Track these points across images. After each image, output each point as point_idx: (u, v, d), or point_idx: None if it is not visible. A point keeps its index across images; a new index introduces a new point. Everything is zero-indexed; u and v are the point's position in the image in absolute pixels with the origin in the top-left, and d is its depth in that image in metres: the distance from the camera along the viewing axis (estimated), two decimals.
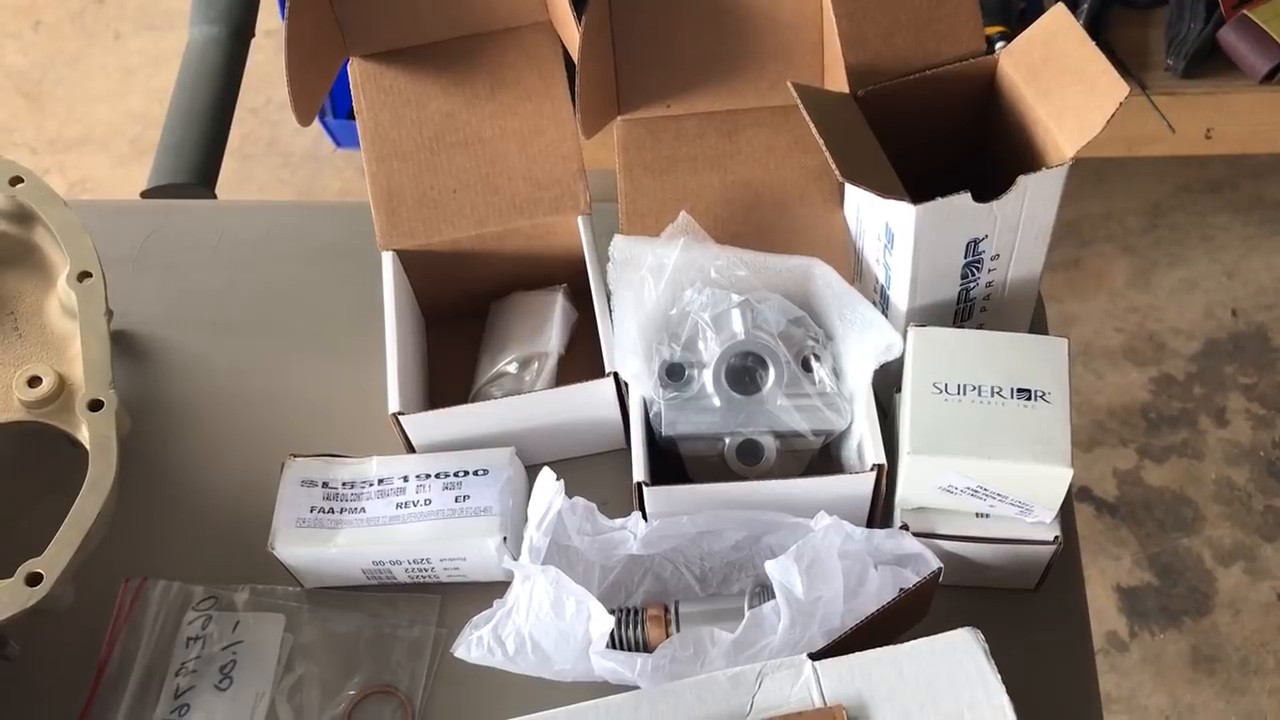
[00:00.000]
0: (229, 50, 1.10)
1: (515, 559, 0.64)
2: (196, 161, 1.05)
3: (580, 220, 0.72)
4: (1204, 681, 1.36)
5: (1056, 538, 0.61)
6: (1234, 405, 1.54)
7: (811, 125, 0.57)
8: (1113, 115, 0.56)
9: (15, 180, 0.70)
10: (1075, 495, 1.60)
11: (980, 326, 0.67)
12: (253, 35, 1.16)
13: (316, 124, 1.82)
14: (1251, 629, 1.38)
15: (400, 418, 0.66)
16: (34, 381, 0.67)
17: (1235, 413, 1.53)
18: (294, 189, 1.86)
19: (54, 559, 0.61)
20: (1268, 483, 1.47)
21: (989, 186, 0.59)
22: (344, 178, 1.85)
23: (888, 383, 0.65)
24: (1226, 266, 1.66)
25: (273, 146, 1.87)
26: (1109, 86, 0.56)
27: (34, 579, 0.61)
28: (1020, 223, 0.60)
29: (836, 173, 0.56)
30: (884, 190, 0.57)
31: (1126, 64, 1.41)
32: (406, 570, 0.66)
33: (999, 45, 1.35)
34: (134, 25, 2.02)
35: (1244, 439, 1.51)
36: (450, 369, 0.75)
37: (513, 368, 0.71)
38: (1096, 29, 1.41)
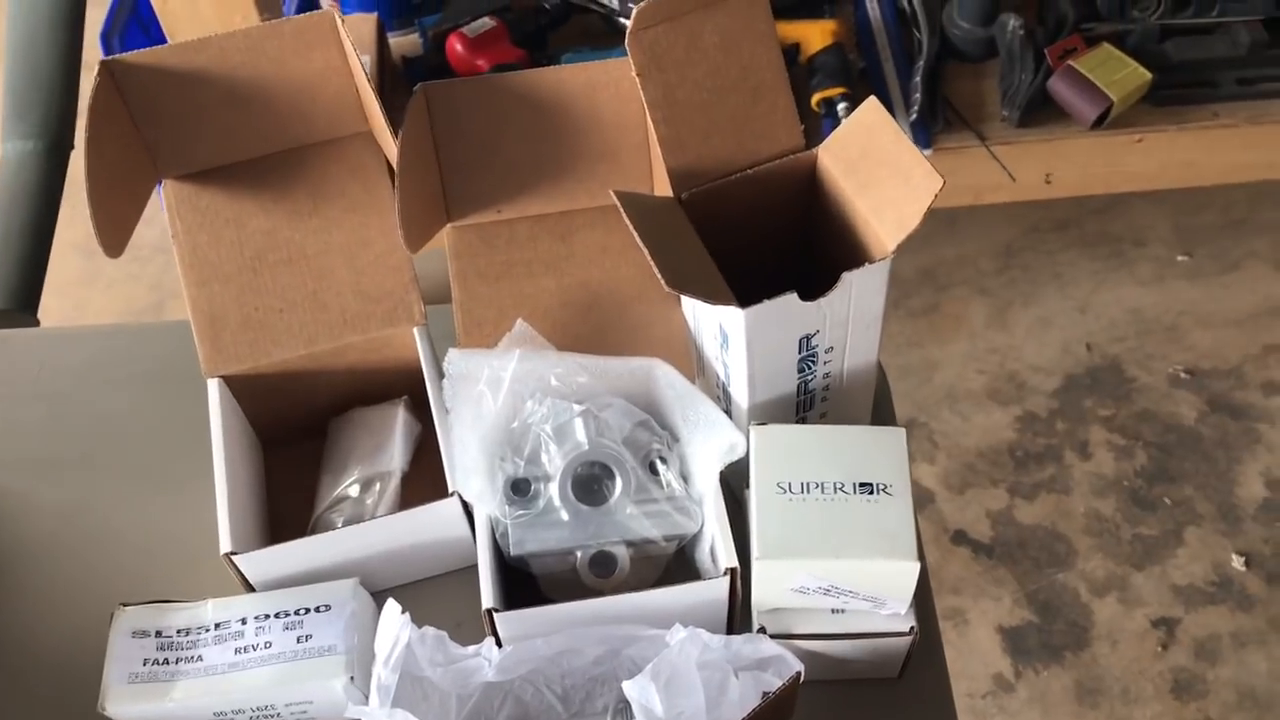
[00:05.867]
0: (46, 166, 1.05)
1: (366, 695, 0.61)
2: (15, 286, 0.99)
3: (416, 331, 0.70)
4: (1089, 715, 1.38)
5: (913, 628, 0.60)
6: (1095, 438, 1.58)
7: (636, 235, 0.56)
8: (929, 208, 0.56)
9: None
10: (951, 538, 1.62)
11: (823, 416, 0.67)
12: (72, 148, 1.11)
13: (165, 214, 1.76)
14: (1130, 658, 1.41)
15: (234, 557, 0.63)
16: None
17: (1097, 445, 1.57)
18: (145, 283, 1.80)
19: None
20: (1133, 511, 1.52)
21: (819, 279, 0.59)
22: None
23: (740, 476, 0.64)
24: (1078, 302, 1.71)
25: None
26: (923, 179, 0.57)
27: None
28: (850, 316, 0.60)
29: (663, 283, 0.55)
30: (711, 297, 0.56)
31: (964, 115, 1.46)
32: (250, 719, 0.63)
33: (840, 107, 1.39)
34: None
35: (1108, 470, 1.55)
36: (292, 492, 0.72)
37: (354, 490, 0.69)
38: (933, 83, 1.45)
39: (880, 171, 0.59)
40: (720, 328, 0.61)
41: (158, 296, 1.79)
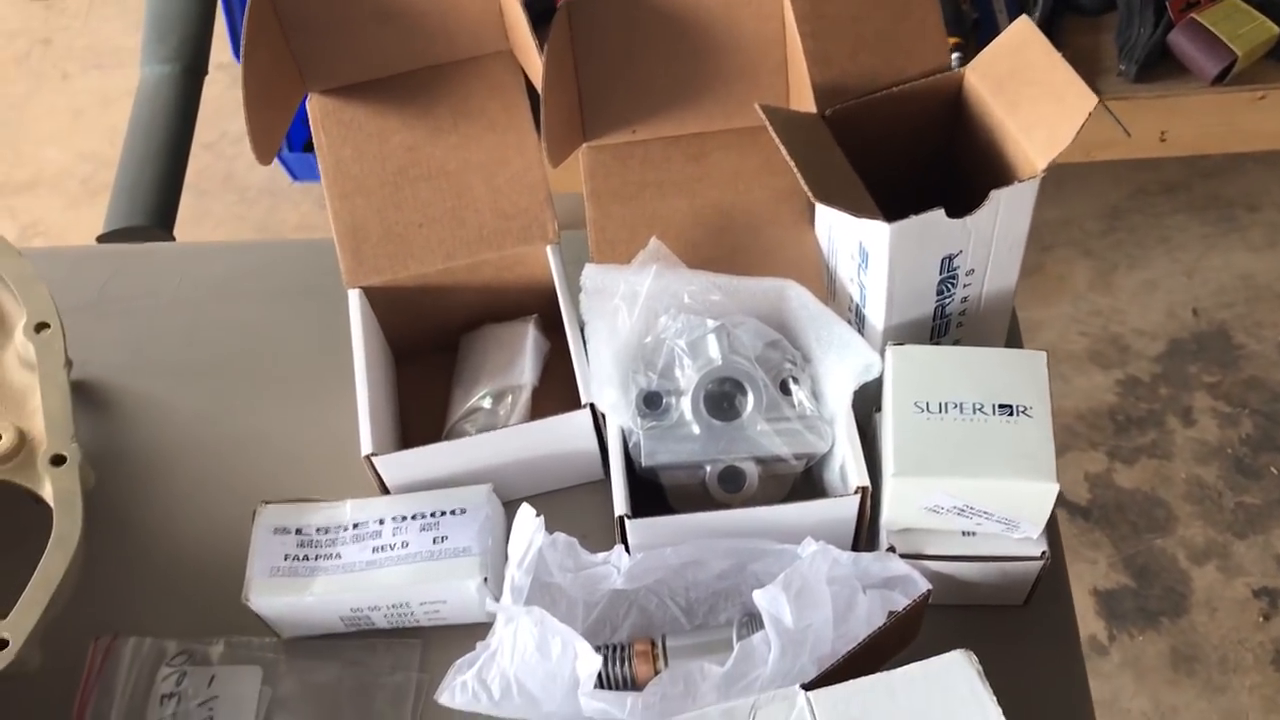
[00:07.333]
0: (183, 88, 1.08)
1: (496, 598, 0.63)
2: (153, 203, 1.02)
3: (549, 250, 0.71)
4: (1184, 682, 1.36)
5: (1044, 553, 0.60)
6: (1200, 404, 1.55)
7: (782, 147, 0.57)
8: (1083, 126, 0.55)
9: None
10: None
11: (956, 342, 0.66)
12: (206, 72, 1.14)
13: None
14: (1228, 626, 1.38)
15: (374, 459, 0.64)
16: None
17: (1201, 411, 1.54)
18: (251, 224, 1.84)
19: (20, 622, 0.59)
20: (1236, 480, 1.49)
21: (960, 200, 0.59)
22: (301, 211, 1.83)
23: (865, 402, 0.64)
24: (1185, 266, 1.67)
25: (229, 181, 1.85)
26: (1077, 97, 0.56)
27: None
28: (994, 236, 0.60)
29: (810, 195, 0.55)
30: (858, 210, 0.56)
31: (1079, 69, 1.42)
32: (385, 615, 0.65)
33: (954, 57, 1.37)
34: (81, 65, 1.99)
35: (1211, 437, 1.52)
36: (422, 405, 0.73)
37: (486, 402, 0.70)
38: (1049, 36, 1.41)
39: (1031, 90, 0.58)
40: (860, 246, 0.61)
41: (262, 238, 1.83)
